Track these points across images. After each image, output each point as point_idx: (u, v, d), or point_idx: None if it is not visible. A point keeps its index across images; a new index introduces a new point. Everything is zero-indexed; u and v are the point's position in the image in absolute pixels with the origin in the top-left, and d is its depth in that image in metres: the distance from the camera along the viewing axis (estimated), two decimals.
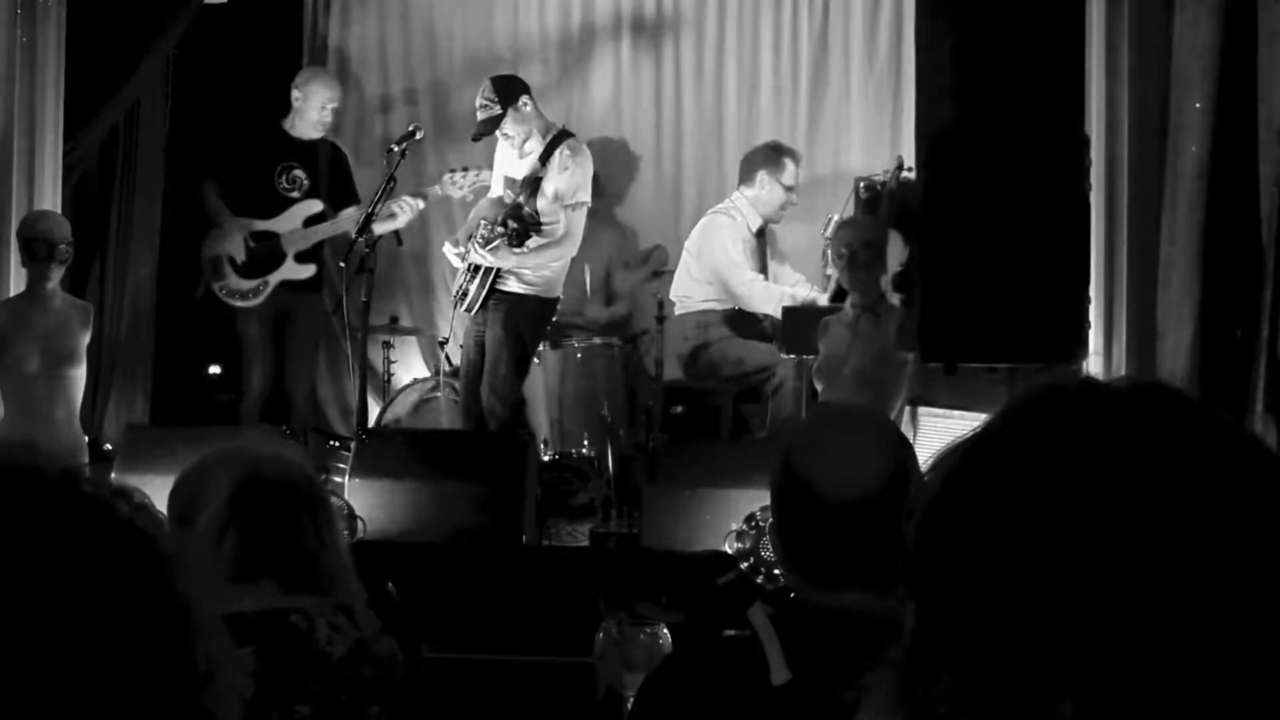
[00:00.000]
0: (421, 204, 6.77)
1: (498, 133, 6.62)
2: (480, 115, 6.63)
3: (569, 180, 6.58)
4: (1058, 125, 4.92)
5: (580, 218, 6.66)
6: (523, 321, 6.58)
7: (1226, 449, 0.91)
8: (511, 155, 6.75)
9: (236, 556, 2.56)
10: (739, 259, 7.04)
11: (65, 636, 0.90)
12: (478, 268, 6.61)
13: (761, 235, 7.27)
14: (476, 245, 6.55)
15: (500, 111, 6.55)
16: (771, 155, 7.24)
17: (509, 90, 6.60)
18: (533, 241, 6.58)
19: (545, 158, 6.62)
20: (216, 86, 7.54)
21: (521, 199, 6.62)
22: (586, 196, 6.69)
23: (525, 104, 6.59)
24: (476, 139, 6.78)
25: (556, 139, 6.66)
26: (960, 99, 4.93)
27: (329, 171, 7.13)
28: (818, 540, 2.09)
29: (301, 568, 2.58)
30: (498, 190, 6.84)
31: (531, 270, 6.60)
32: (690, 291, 7.13)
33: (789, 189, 7.19)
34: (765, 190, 7.16)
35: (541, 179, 6.61)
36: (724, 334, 7.05)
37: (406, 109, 8.29)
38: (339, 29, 8.37)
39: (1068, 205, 4.93)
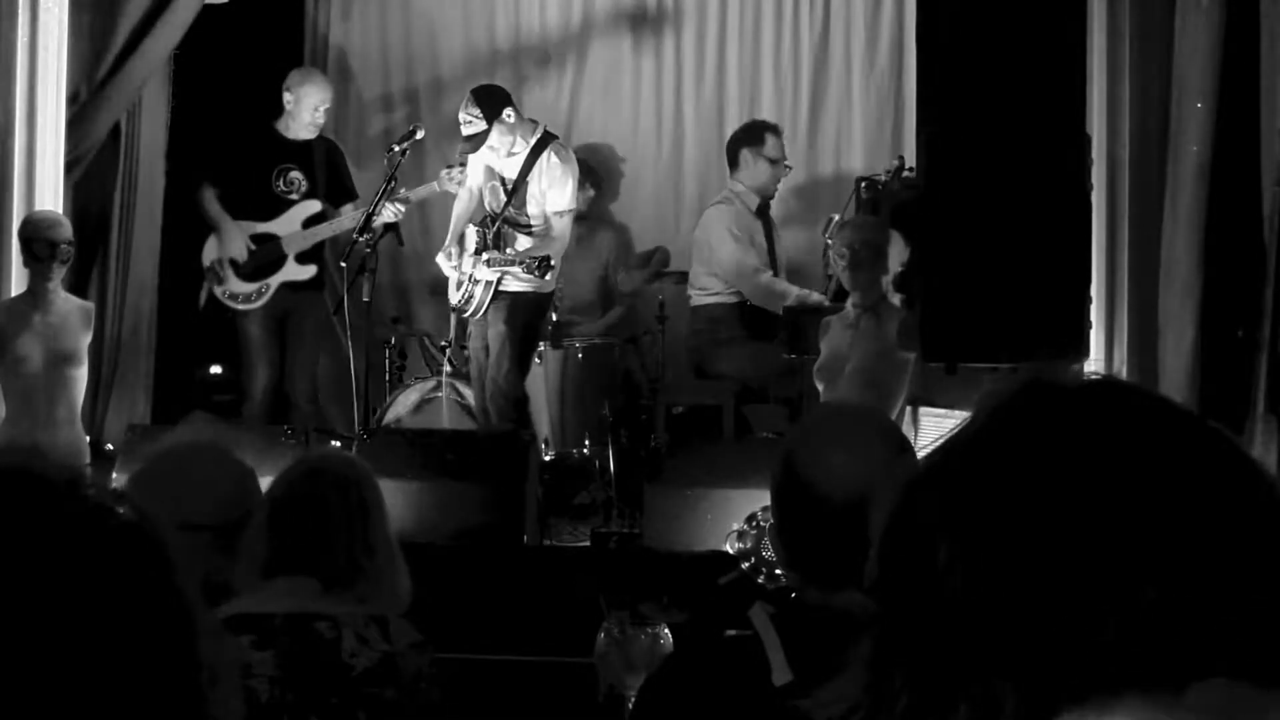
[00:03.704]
0: (404, 207, 6.82)
1: (484, 147, 6.64)
2: (465, 130, 6.62)
3: (556, 192, 6.64)
4: (1059, 125, 4.92)
5: (567, 223, 6.72)
6: (523, 316, 6.61)
7: (1185, 448, 0.92)
8: (497, 153, 6.77)
9: (275, 549, 2.58)
10: (747, 251, 7.06)
11: (71, 641, 0.90)
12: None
13: (764, 214, 7.28)
14: (477, 260, 6.59)
15: (486, 127, 6.56)
16: (749, 134, 7.29)
17: (492, 105, 6.58)
18: (523, 243, 6.64)
19: (531, 159, 6.65)
20: (217, 86, 7.54)
21: (510, 203, 6.66)
22: (573, 204, 6.74)
23: (509, 115, 6.59)
24: (462, 156, 6.79)
25: (541, 141, 6.68)
26: (962, 99, 4.93)
27: (325, 169, 7.14)
28: (818, 540, 2.09)
29: (341, 567, 2.58)
30: (475, 178, 6.84)
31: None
32: (704, 284, 7.20)
33: (774, 161, 7.22)
34: (751, 168, 7.20)
35: (528, 181, 6.65)
36: (735, 333, 7.08)
37: (407, 107, 8.30)
38: (340, 28, 8.37)
39: (1069, 205, 4.93)
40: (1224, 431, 0.94)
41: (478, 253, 6.65)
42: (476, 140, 6.58)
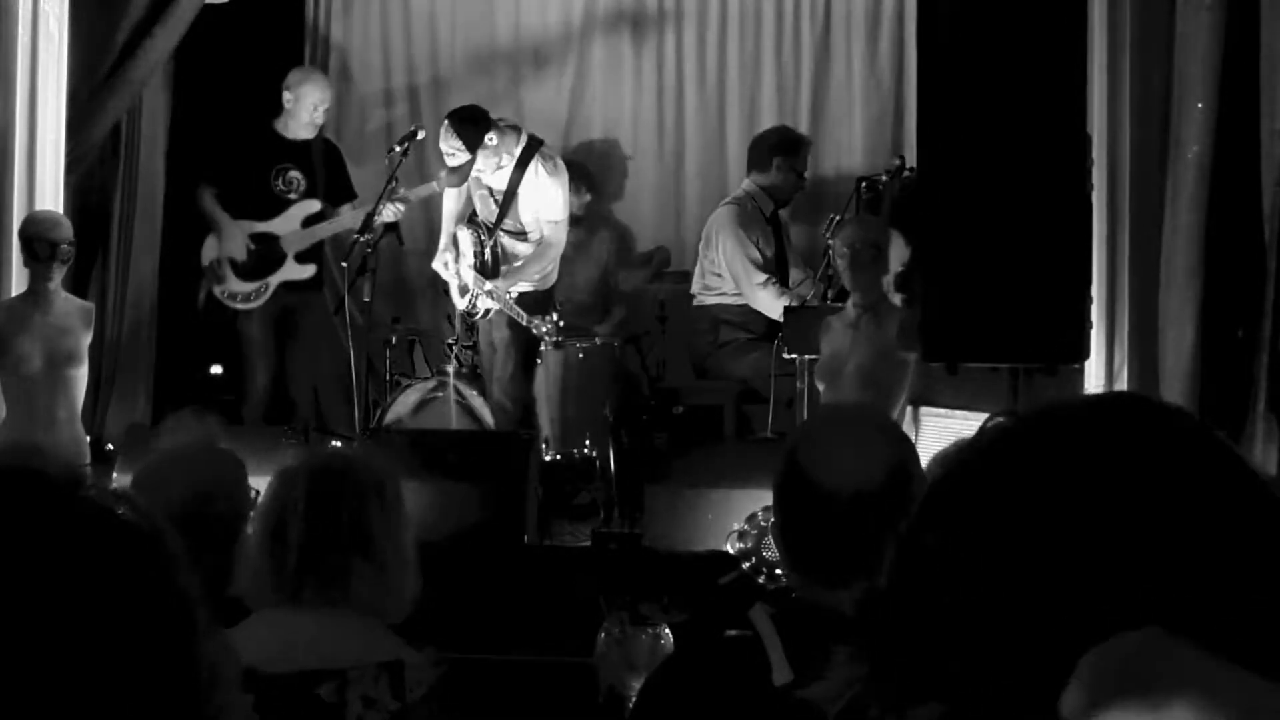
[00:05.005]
0: (404, 207, 6.81)
1: (472, 173, 6.64)
2: (450, 162, 6.61)
3: (547, 204, 6.65)
4: (1059, 124, 4.92)
5: (562, 230, 6.76)
6: (525, 317, 6.63)
7: (1200, 467, 0.92)
8: (484, 173, 6.77)
9: (274, 559, 2.48)
10: (753, 255, 7.05)
11: (71, 640, 0.90)
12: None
13: (776, 220, 7.28)
14: (479, 279, 6.61)
15: (470, 157, 6.55)
16: (787, 143, 7.27)
17: (473, 133, 6.55)
18: (522, 247, 6.66)
19: (519, 170, 6.66)
20: (218, 85, 7.55)
21: (504, 217, 6.69)
22: (565, 212, 6.77)
23: (490, 139, 6.58)
24: (453, 186, 6.77)
25: (528, 150, 6.67)
26: (962, 99, 4.92)
27: (324, 169, 7.14)
28: (820, 537, 2.09)
29: (338, 572, 2.47)
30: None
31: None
32: (709, 283, 7.19)
33: (801, 175, 7.23)
34: (779, 174, 7.18)
35: (518, 193, 6.66)
36: (738, 334, 7.08)
37: (407, 105, 8.30)
38: (341, 26, 8.37)
39: (1069, 205, 4.93)
40: (1232, 447, 0.94)
41: (479, 270, 6.69)
42: (462, 171, 6.60)
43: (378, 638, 2.48)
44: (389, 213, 6.73)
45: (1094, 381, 5.85)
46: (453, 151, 6.57)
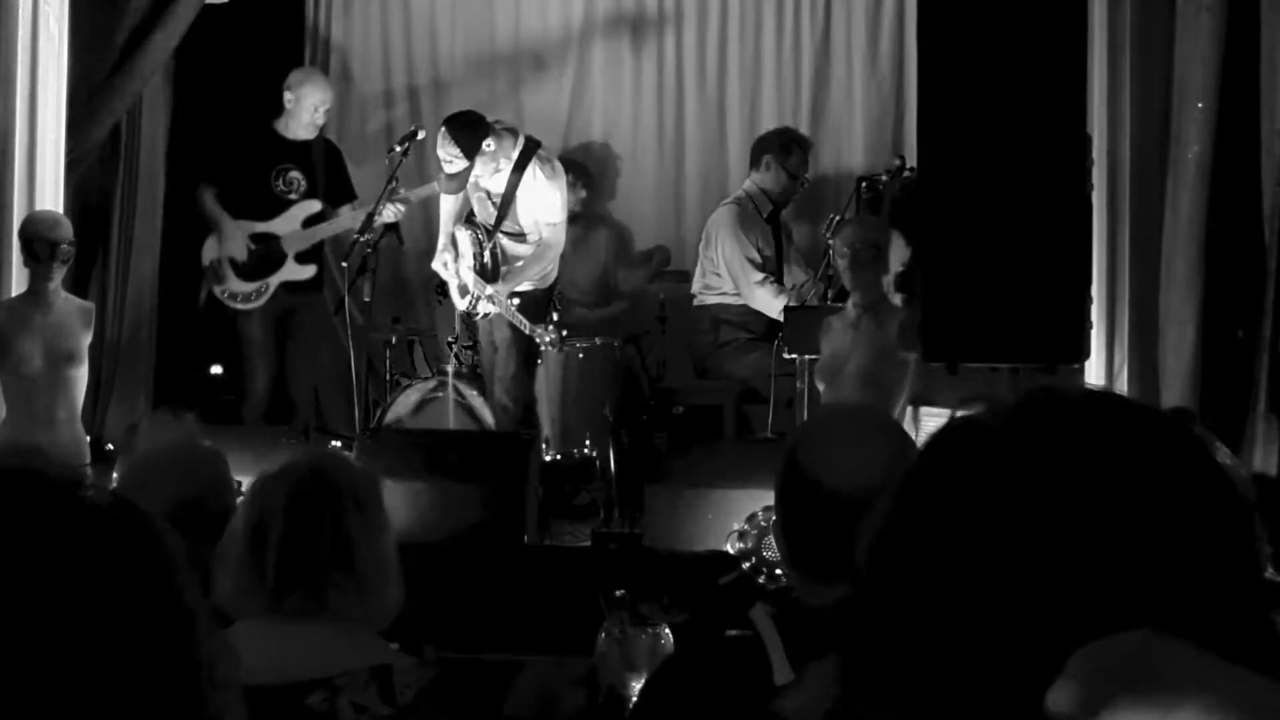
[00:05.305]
0: (404, 208, 6.79)
1: (471, 178, 6.63)
2: (447, 169, 6.55)
3: (545, 207, 6.65)
4: (1060, 125, 4.92)
5: (560, 231, 6.75)
6: (527, 315, 6.63)
7: (1169, 464, 0.92)
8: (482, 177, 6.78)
9: (254, 566, 2.42)
10: (751, 255, 7.06)
11: (71, 640, 0.90)
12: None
13: (776, 221, 7.28)
14: (479, 282, 6.61)
15: (468, 164, 6.52)
16: (778, 141, 7.28)
17: (471, 140, 6.50)
18: (522, 249, 6.68)
19: (517, 173, 6.65)
20: (218, 85, 7.55)
21: (502, 220, 6.69)
22: (563, 214, 6.77)
23: (488, 145, 6.54)
24: (451, 193, 6.75)
25: (525, 153, 6.66)
26: (962, 99, 4.92)
27: (325, 169, 7.14)
28: (823, 537, 2.09)
29: (319, 581, 2.41)
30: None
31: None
32: (710, 283, 7.20)
33: (794, 177, 7.23)
34: (770, 173, 7.19)
35: (516, 195, 6.66)
36: (738, 334, 7.09)
37: (408, 107, 8.30)
38: (341, 27, 8.38)
39: (1070, 205, 4.93)
40: (1207, 446, 0.94)
41: (478, 273, 6.69)
42: (461, 178, 6.57)
43: (363, 643, 2.44)
44: (389, 213, 6.73)
45: (1094, 381, 5.85)
46: (450, 158, 6.53)
